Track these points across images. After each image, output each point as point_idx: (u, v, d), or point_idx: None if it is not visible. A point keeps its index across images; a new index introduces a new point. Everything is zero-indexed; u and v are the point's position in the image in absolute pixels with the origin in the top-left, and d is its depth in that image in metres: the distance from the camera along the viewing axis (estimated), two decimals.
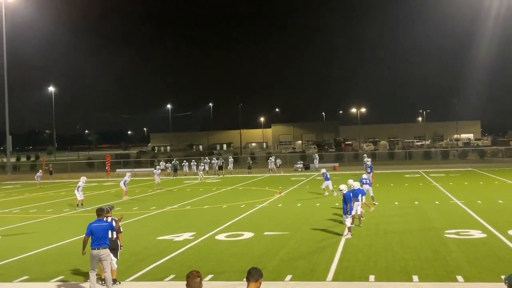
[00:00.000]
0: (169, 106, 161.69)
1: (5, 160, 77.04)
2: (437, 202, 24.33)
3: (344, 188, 17.12)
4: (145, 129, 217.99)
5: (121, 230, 12.42)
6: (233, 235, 17.49)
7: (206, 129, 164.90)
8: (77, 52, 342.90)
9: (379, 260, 13.32)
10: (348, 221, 16.55)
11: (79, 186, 27.63)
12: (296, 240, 16.37)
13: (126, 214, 23.28)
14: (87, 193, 33.06)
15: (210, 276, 12.26)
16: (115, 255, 12.14)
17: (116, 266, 12.03)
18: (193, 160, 53.79)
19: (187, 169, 53.59)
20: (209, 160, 53.65)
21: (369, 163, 33.62)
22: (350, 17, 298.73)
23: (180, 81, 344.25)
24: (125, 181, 31.55)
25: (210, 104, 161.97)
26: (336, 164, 52.94)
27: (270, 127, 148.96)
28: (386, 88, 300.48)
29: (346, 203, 16.47)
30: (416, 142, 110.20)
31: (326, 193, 28.42)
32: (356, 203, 18.06)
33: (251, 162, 53.91)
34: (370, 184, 24.28)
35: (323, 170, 31.06)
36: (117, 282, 12.02)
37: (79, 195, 27.42)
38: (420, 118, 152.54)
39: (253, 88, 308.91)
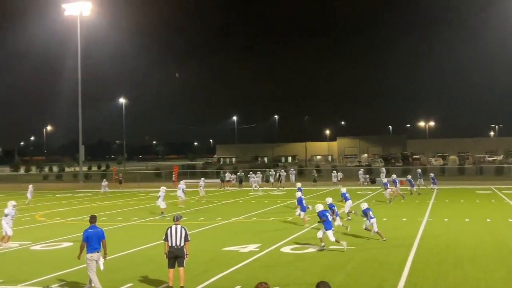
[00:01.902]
0: (234, 118, 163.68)
1: (77, 169, 79.86)
2: (510, 220, 23.38)
3: (319, 207, 17.68)
4: (211, 140, 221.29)
5: (189, 239, 12.64)
6: (298, 248, 17.42)
7: (271, 141, 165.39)
8: (146, 64, 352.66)
9: (449, 278, 12.93)
10: (330, 237, 16.82)
11: (160, 196, 28.66)
12: (362, 255, 16.11)
13: (192, 224, 23.67)
14: (153, 203, 33.77)
15: None
16: (181, 263, 12.36)
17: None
18: (258, 172, 54.03)
19: (253, 180, 53.76)
20: (274, 172, 53.77)
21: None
22: (417, 29, 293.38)
23: (246, 93, 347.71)
24: (182, 189, 32.46)
25: (276, 116, 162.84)
26: (403, 179, 51.79)
27: (335, 140, 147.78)
28: (456, 101, 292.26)
29: (321, 218, 17.10)
30: (488, 157, 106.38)
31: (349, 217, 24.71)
32: (372, 219, 19.01)
33: (316, 175, 53.61)
34: (350, 199, 25.29)
35: (343, 190, 27.41)
36: None
37: (162, 204, 28.34)
38: (492, 133, 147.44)
39: (318, 101, 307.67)
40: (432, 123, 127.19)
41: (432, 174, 42.35)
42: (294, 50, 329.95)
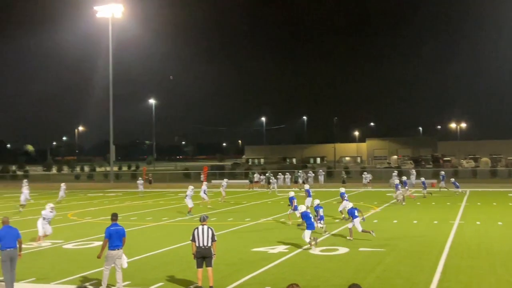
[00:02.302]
0: (263, 119, 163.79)
1: (108, 168, 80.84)
2: None
3: (302, 208, 18.95)
4: (239, 141, 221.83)
5: (215, 239, 12.69)
6: (327, 250, 17.34)
7: (299, 142, 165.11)
8: (176, 65, 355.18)
9: (482, 283, 12.72)
10: (306, 237, 17.57)
11: (187, 195, 29.19)
12: (393, 258, 15.97)
13: (220, 224, 23.76)
14: (182, 203, 33.98)
15: None
16: (210, 263, 12.42)
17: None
18: (287, 173, 54.00)
19: (281, 182, 53.74)
20: (302, 174, 53.69)
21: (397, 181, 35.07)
22: (448, 28, 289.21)
23: (275, 94, 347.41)
24: (204, 191, 32.85)
25: (304, 117, 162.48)
26: (434, 181, 51.19)
27: (364, 141, 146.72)
28: (488, 102, 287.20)
29: (305, 220, 18.03)
30: None
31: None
32: (355, 219, 19.44)
33: (345, 176, 53.30)
34: (348, 200, 25.14)
35: (342, 190, 28.26)
36: None
37: (189, 203, 28.70)
38: None
39: (347, 102, 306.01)
40: (463, 125, 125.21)
41: (452, 179, 41.30)
42: (323, 50, 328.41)
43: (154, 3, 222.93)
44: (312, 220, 18.10)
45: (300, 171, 57.69)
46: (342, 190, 28.01)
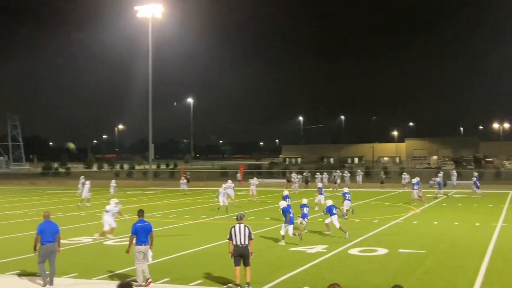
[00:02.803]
0: (301, 118, 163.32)
1: (147, 167, 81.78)
2: None
3: (282, 203, 20.06)
4: (276, 140, 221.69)
5: (252, 237, 12.72)
6: (366, 250, 17.17)
7: (337, 141, 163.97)
8: (214, 64, 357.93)
9: None
10: (290, 231, 18.89)
11: (220, 192, 29.79)
12: (433, 260, 15.71)
13: (258, 223, 23.77)
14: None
15: None
16: (247, 262, 12.45)
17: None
18: (324, 173, 53.69)
19: (319, 181, 53.45)
20: (340, 174, 53.33)
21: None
22: (488, 26, 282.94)
23: (313, 93, 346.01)
24: (232, 187, 34.39)
25: (342, 116, 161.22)
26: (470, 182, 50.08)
27: (403, 141, 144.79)
28: None
29: (285, 215, 19.13)
30: None
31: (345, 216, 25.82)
32: (333, 216, 20.38)
33: (384, 176, 52.67)
34: (350, 200, 26.63)
35: (345, 190, 28.39)
36: (249, 287, 12.38)
37: (222, 200, 29.33)
38: None
39: (386, 101, 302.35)
40: (506, 125, 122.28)
41: (474, 178, 40.04)
42: (361, 49, 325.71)
43: (193, 3, 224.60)
44: (292, 215, 19.29)
45: (338, 171, 57.29)
46: (346, 190, 28.35)
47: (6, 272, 14.47)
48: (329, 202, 21.34)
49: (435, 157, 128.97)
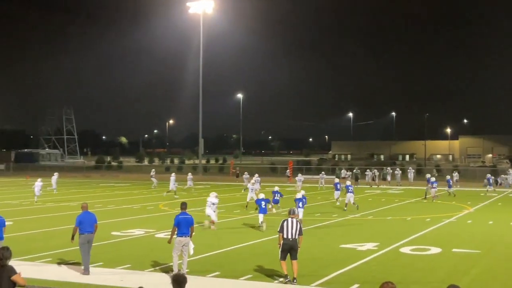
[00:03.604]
0: (350, 114, 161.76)
1: (197, 161, 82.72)
2: None
3: (261, 195, 23.43)
4: (326, 136, 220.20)
5: (302, 233, 12.77)
6: (418, 249, 16.86)
7: (388, 138, 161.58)
8: (265, 60, 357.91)
9: None
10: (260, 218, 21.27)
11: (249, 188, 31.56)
12: (489, 260, 15.30)
13: (308, 220, 23.64)
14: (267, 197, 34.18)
15: None
16: (295, 256, 12.48)
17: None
18: (374, 170, 53.01)
19: (369, 178, 52.79)
20: (391, 171, 52.60)
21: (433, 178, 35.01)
22: None
23: (363, 89, 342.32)
24: (258, 182, 35.71)
25: (393, 113, 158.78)
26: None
27: (457, 139, 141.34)
28: None
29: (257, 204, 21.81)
30: None
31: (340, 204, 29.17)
32: (299, 209, 21.03)
33: (436, 174, 51.55)
34: (352, 192, 28.12)
35: (348, 183, 30.13)
36: (295, 281, 12.36)
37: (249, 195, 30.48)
38: None
39: (439, 98, 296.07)
40: None
41: (448, 177, 40.71)
42: (413, 45, 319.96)
43: None
44: (263, 206, 21.37)
45: (388, 167, 56.48)
46: (348, 183, 29.77)
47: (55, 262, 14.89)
48: (299, 195, 22.28)
49: (490, 155, 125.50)
